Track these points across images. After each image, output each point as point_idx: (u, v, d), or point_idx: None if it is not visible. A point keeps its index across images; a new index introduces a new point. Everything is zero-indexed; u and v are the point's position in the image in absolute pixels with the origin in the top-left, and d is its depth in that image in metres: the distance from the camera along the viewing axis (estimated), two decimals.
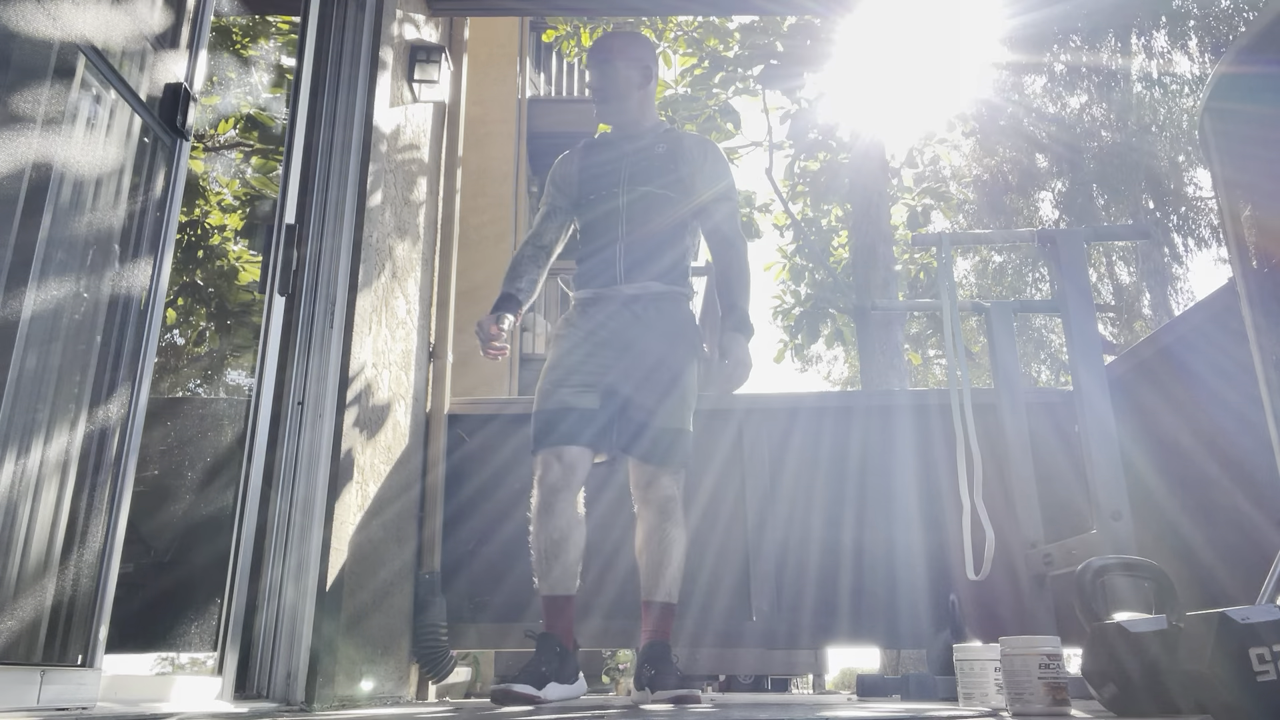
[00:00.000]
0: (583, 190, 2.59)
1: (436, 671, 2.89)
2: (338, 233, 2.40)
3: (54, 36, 1.39)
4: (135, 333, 1.58)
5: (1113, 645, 1.53)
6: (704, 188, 2.54)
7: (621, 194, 2.51)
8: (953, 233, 2.93)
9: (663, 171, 2.52)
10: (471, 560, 3.08)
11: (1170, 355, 2.74)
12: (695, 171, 2.53)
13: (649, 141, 2.58)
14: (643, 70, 2.59)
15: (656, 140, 2.59)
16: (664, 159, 2.54)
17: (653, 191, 2.50)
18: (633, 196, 2.50)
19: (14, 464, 1.29)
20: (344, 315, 2.34)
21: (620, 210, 2.50)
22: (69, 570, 1.40)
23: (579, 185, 2.60)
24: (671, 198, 2.51)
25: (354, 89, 2.53)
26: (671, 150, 2.55)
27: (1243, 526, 2.37)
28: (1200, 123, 1.78)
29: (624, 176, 2.53)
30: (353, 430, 2.31)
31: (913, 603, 3.03)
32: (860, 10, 3.58)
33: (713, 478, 3.20)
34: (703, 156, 2.56)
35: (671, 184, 2.52)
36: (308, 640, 2.07)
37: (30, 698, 1.29)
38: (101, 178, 1.51)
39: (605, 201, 2.53)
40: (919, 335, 14.04)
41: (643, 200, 2.50)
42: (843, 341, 8.94)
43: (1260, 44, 1.58)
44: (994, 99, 12.46)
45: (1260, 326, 1.60)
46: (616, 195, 2.51)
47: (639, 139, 2.59)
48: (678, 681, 2.22)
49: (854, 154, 7.59)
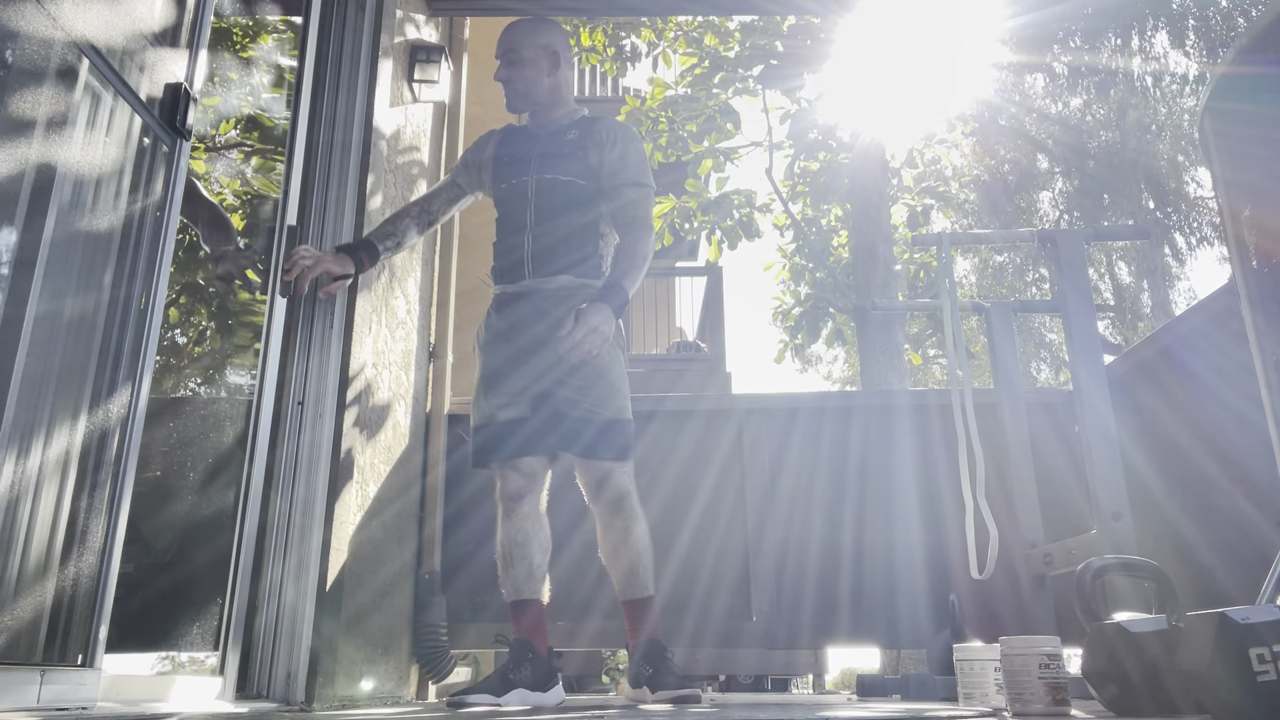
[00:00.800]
0: (494, 177, 2.50)
1: (436, 671, 2.89)
2: (338, 233, 2.40)
3: (54, 36, 1.39)
4: (135, 332, 1.58)
5: (1113, 645, 1.53)
6: (609, 176, 2.40)
7: (530, 183, 2.41)
8: (953, 233, 2.93)
9: (570, 158, 2.41)
10: (471, 560, 3.09)
11: (1170, 355, 2.73)
12: (602, 160, 2.41)
13: (560, 128, 2.48)
14: (550, 56, 2.48)
15: (569, 127, 2.48)
16: (573, 145, 2.43)
17: (559, 179, 2.39)
18: (540, 185, 2.40)
19: (15, 463, 1.30)
20: (344, 315, 2.34)
21: (529, 199, 2.40)
22: (69, 570, 1.40)
23: (492, 170, 2.51)
24: (580, 184, 2.39)
25: (354, 89, 2.53)
26: (582, 137, 2.44)
27: (1243, 526, 2.37)
28: (1200, 123, 1.78)
29: (533, 165, 2.42)
30: (353, 430, 2.31)
31: (913, 603, 3.03)
32: (859, 10, 3.58)
33: (713, 478, 3.20)
34: (611, 142, 2.42)
35: (580, 171, 2.40)
36: (308, 640, 2.07)
37: (30, 698, 1.29)
38: (102, 178, 1.51)
39: (514, 191, 2.43)
40: (919, 335, 14.04)
41: (549, 188, 2.39)
42: (843, 341, 8.93)
43: (1260, 44, 1.58)
44: (994, 99, 12.46)
45: (1260, 326, 1.61)
46: (526, 184, 2.42)
47: (551, 126, 2.49)
48: (678, 681, 2.19)
49: (854, 154, 7.58)
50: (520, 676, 2.17)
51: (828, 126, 8.29)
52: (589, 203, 2.41)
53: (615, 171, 2.41)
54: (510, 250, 2.42)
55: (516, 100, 2.51)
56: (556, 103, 2.52)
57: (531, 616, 2.28)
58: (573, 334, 2.16)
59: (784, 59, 7.30)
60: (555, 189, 2.39)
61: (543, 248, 2.37)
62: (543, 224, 2.39)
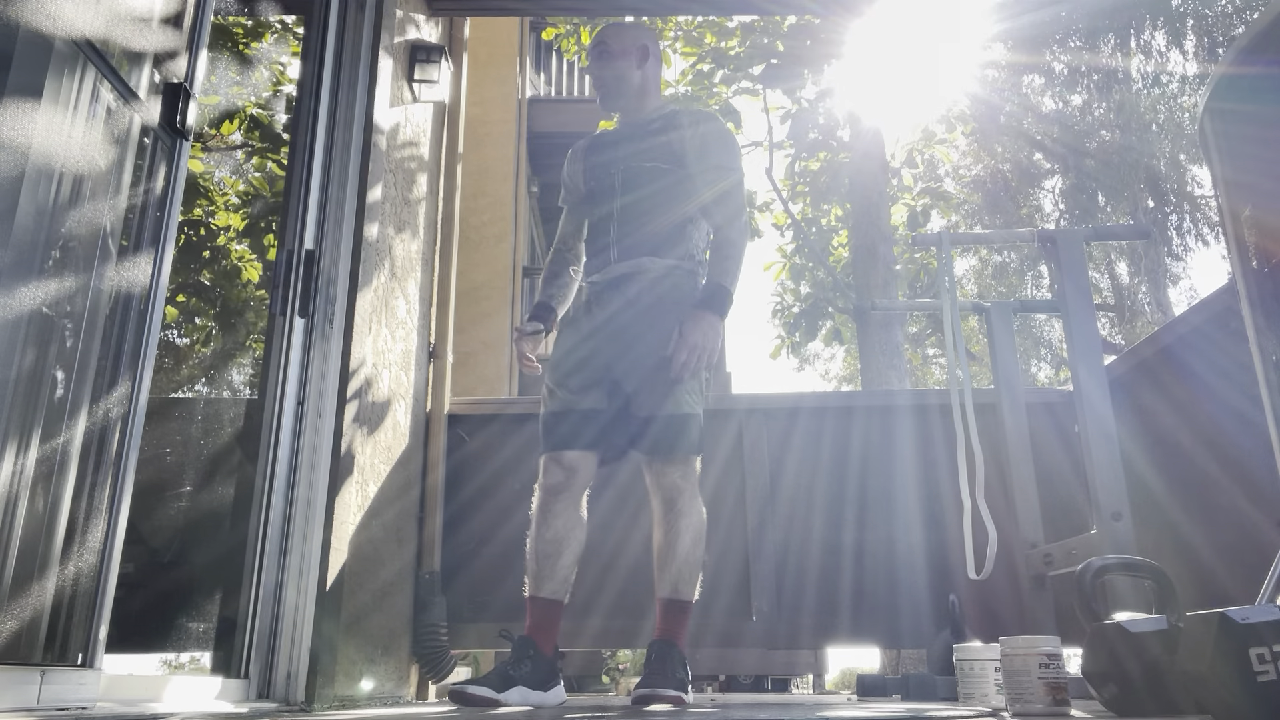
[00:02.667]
0: (587, 183, 2.52)
1: (436, 671, 2.89)
2: (338, 233, 2.40)
3: (54, 36, 1.39)
4: (135, 332, 1.58)
5: (1113, 645, 1.53)
6: (695, 159, 2.39)
7: (617, 173, 2.43)
8: (953, 233, 2.92)
9: (653, 144, 2.42)
10: (471, 561, 3.09)
11: (1170, 355, 2.73)
12: (684, 141, 2.40)
13: (647, 121, 2.49)
14: (639, 50, 2.49)
15: (655, 119, 2.49)
16: (656, 133, 2.45)
17: (642, 165, 2.40)
18: (626, 172, 2.41)
19: (15, 463, 1.29)
20: (344, 315, 2.34)
21: (615, 189, 2.42)
22: (69, 570, 1.40)
23: (584, 179, 2.53)
24: (662, 168, 2.39)
25: (354, 89, 2.53)
26: (665, 124, 2.46)
27: (1243, 526, 2.37)
28: (1200, 123, 1.78)
29: (620, 157, 2.45)
30: (353, 430, 2.31)
31: (913, 603, 3.03)
32: (867, 14, 3.57)
33: (713, 478, 3.20)
34: (692, 121, 2.43)
35: (662, 155, 2.40)
36: (308, 640, 2.07)
37: (30, 698, 1.29)
38: (102, 177, 1.51)
39: (601, 185, 2.45)
40: (919, 335, 14.04)
41: (633, 175, 2.40)
42: (840, 340, 8.93)
43: (1260, 44, 1.58)
44: (994, 99, 12.46)
45: (1260, 326, 1.60)
46: (613, 176, 2.43)
47: (639, 121, 2.51)
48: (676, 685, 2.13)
49: (854, 154, 7.58)
50: (521, 673, 2.14)
51: (828, 126, 8.29)
52: (674, 186, 2.39)
53: (698, 155, 2.39)
54: (596, 241, 2.44)
55: (608, 95, 2.51)
56: (645, 98, 2.52)
57: (548, 616, 2.25)
58: (678, 355, 2.18)
59: (784, 59, 7.30)
60: (640, 175, 2.40)
61: (627, 233, 2.37)
62: (627, 209, 2.39)
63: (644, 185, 2.40)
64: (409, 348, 2.92)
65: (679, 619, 2.27)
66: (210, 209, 5.44)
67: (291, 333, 2.26)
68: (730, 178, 2.41)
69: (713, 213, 2.39)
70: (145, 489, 1.90)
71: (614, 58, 2.49)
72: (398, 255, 2.79)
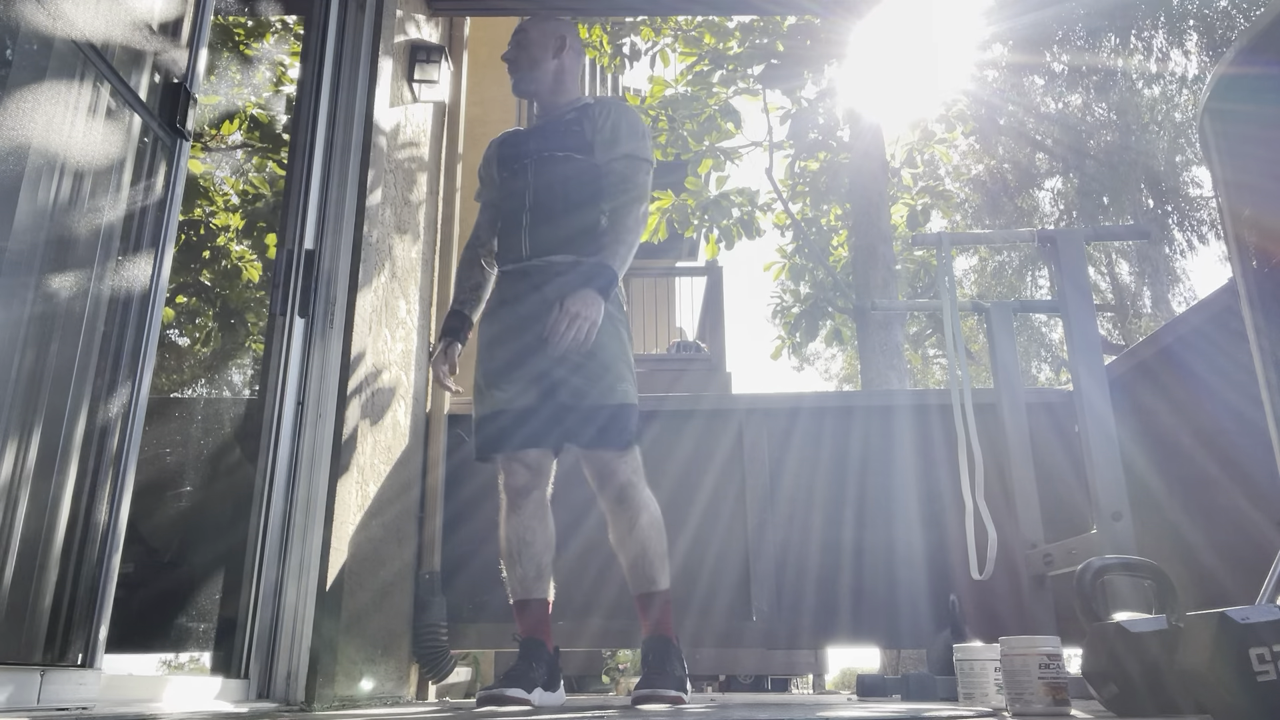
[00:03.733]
0: (500, 174, 2.47)
1: (436, 671, 2.89)
2: (338, 233, 2.40)
3: (54, 36, 1.39)
4: (136, 331, 1.58)
5: (1113, 645, 1.53)
6: (602, 147, 2.35)
7: (529, 164, 2.39)
8: (953, 233, 2.92)
9: (566, 135, 2.37)
10: (471, 560, 3.09)
11: (1170, 355, 2.74)
12: (595, 130, 2.36)
13: (561, 113, 2.47)
14: (556, 39, 2.47)
15: (569, 110, 2.45)
16: (570, 124, 2.40)
17: (554, 155, 2.35)
18: (538, 163, 2.36)
19: (15, 462, 1.30)
20: (344, 315, 2.34)
21: (527, 181, 2.37)
22: (69, 570, 1.40)
23: (497, 170, 2.49)
24: (576, 159, 2.35)
25: (354, 89, 2.53)
26: (579, 115, 2.41)
27: (1243, 526, 2.37)
28: (1200, 123, 1.78)
29: (533, 149, 2.40)
30: (353, 430, 2.31)
31: (913, 603, 3.03)
32: (868, 15, 3.57)
33: (713, 478, 3.20)
34: (604, 114, 2.39)
35: (576, 146, 2.35)
36: (308, 640, 2.07)
37: (30, 698, 1.29)
38: (102, 178, 1.51)
39: (514, 176, 2.41)
40: (919, 335, 14.05)
41: (546, 165, 2.35)
42: (840, 341, 8.93)
43: (1260, 44, 1.58)
44: (994, 99, 12.46)
45: (1260, 326, 1.60)
46: (525, 167, 2.39)
47: (554, 114, 2.47)
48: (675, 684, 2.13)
49: (854, 154, 7.58)
50: (539, 674, 2.16)
51: (828, 126, 8.29)
52: (587, 178, 2.34)
53: (608, 144, 2.35)
54: (509, 235, 2.38)
55: (521, 81, 2.48)
56: (560, 90, 2.48)
57: (537, 615, 2.26)
58: (556, 324, 2.11)
59: (784, 59, 7.30)
60: (552, 165, 2.35)
61: (540, 227, 2.32)
62: (539, 202, 2.34)
63: (555, 174, 2.35)
64: (409, 348, 2.92)
65: (665, 609, 2.27)
66: (210, 209, 5.44)
67: (291, 333, 2.26)
68: (639, 166, 2.36)
69: (613, 195, 2.32)
70: (145, 489, 1.90)
71: (530, 45, 2.47)
72: (398, 255, 2.79)
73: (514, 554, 2.26)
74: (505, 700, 2.02)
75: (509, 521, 2.28)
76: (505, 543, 2.28)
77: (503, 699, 2.02)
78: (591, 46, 7.71)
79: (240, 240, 5.51)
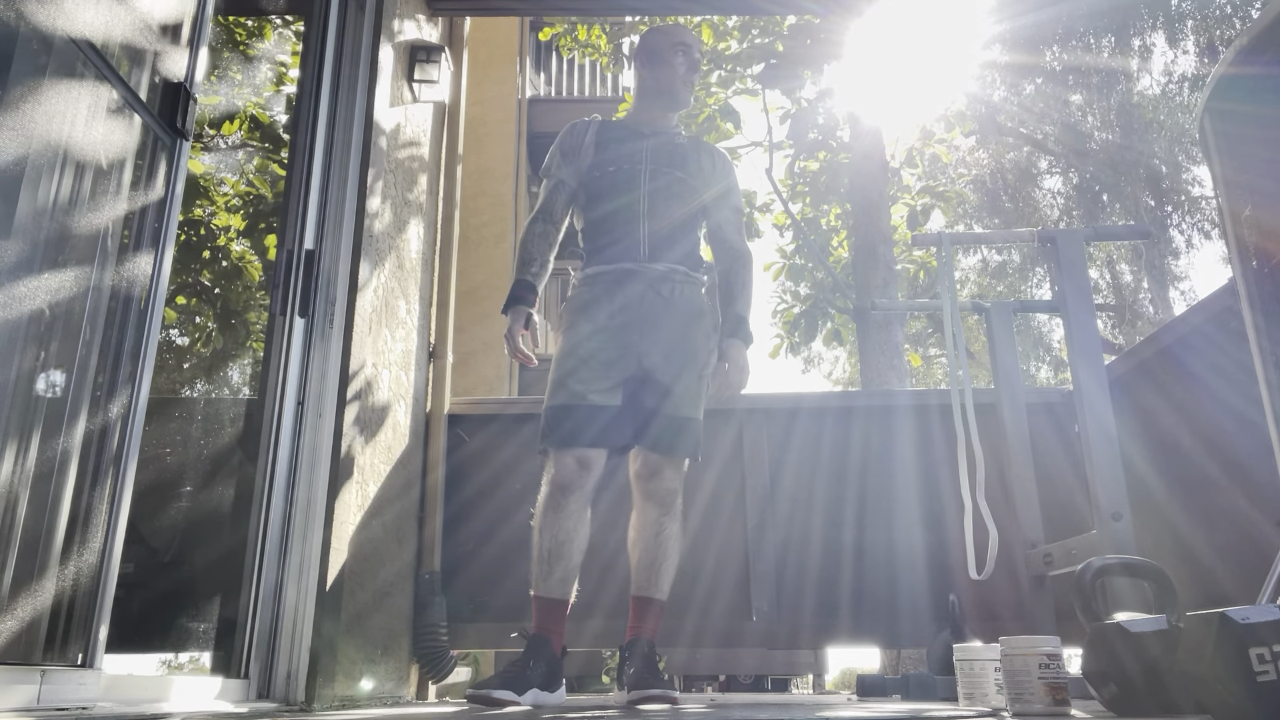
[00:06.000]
0: (599, 163, 2.50)
1: (436, 671, 2.89)
2: (338, 233, 2.40)
3: (54, 35, 1.39)
4: (135, 332, 1.58)
5: (1113, 645, 1.53)
6: (718, 190, 2.56)
7: (645, 176, 2.46)
8: (953, 233, 2.92)
9: (685, 159, 2.52)
10: (471, 560, 3.09)
11: (1170, 355, 2.74)
12: (714, 170, 2.56)
13: (672, 131, 2.59)
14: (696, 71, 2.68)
15: (677, 132, 2.61)
16: (686, 149, 2.54)
17: (677, 177, 2.49)
18: (657, 180, 2.47)
19: (15, 463, 1.30)
20: (344, 315, 2.34)
21: (643, 192, 2.45)
22: (69, 570, 1.40)
23: (593, 157, 2.51)
24: (693, 185, 2.51)
25: (354, 89, 2.53)
26: (692, 143, 2.58)
27: (1243, 526, 2.37)
28: (1200, 123, 1.78)
29: (647, 158, 2.49)
30: (353, 430, 2.31)
31: (913, 602, 3.03)
32: (869, 15, 3.57)
33: (713, 478, 3.20)
34: (724, 161, 2.62)
35: (693, 171, 2.52)
36: (308, 640, 2.07)
37: (30, 698, 1.29)
38: (102, 177, 1.51)
39: (628, 180, 2.46)
40: (919, 335, 14.04)
41: (667, 184, 2.47)
42: (840, 341, 8.93)
43: (1260, 44, 1.58)
44: (994, 99, 12.46)
45: (1260, 326, 1.60)
46: (639, 176, 2.46)
47: (661, 127, 2.58)
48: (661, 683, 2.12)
49: (854, 154, 7.58)
50: (536, 674, 2.13)
51: (827, 126, 8.29)
52: (696, 207, 2.52)
53: (725, 191, 2.56)
54: (621, 235, 2.43)
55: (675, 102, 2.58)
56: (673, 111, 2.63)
57: (555, 614, 2.24)
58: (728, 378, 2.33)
59: (784, 59, 7.30)
60: (671, 183, 2.48)
61: (659, 238, 2.42)
62: (657, 212, 2.44)
63: (674, 191, 2.48)
64: (409, 348, 2.92)
65: (659, 617, 2.31)
66: (211, 209, 5.44)
67: (291, 333, 2.26)
68: (742, 219, 2.61)
69: (738, 249, 2.54)
70: (145, 489, 1.90)
71: (695, 68, 2.59)
72: (398, 255, 2.79)
73: (551, 553, 2.22)
74: (492, 702, 2.00)
75: (549, 516, 2.24)
76: (540, 536, 2.24)
77: (489, 700, 2.00)
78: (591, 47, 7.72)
79: (240, 240, 5.51)
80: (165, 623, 2.45)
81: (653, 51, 2.59)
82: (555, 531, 2.23)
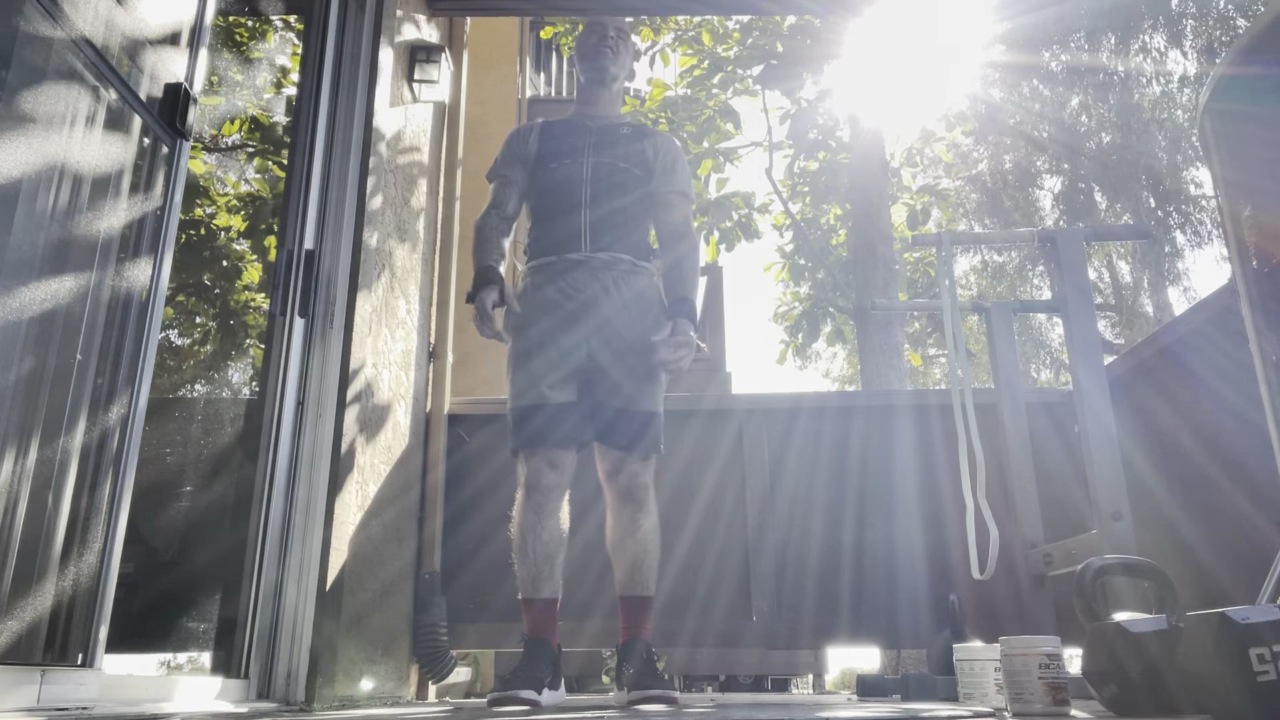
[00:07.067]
0: (542, 159, 2.49)
1: (436, 671, 2.89)
2: (338, 233, 2.40)
3: (54, 36, 1.39)
4: (135, 332, 1.58)
5: (1113, 645, 1.53)
6: (662, 176, 2.48)
7: (586, 166, 2.43)
8: (953, 233, 2.92)
9: (627, 147, 2.48)
10: (471, 560, 3.09)
11: (1170, 355, 2.74)
12: (656, 156, 2.49)
13: (614, 123, 2.55)
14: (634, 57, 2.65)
15: (622, 124, 2.56)
16: (628, 137, 2.51)
17: (616, 164, 2.44)
18: (599, 170, 2.43)
19: (15, 463, 1.29)
20: (344, 315, 2.34)
21: (583, 178, 2.42)
22: (69, 570, 1.40)
23: (537, 154, 2.51)
24: (635, 174, 2.46)
25: (354, 89, 2.53)
26: (635, 133, 2.53)
27: (1243, 526, 2.37)
28: (1200, 123, 1.78)
29: (589, 150, 2.46)
30: (353, 430, 2.31)
31: (913, 602, 3.03)
32: (868, 15, 3.58)
33: (713, 478, 3.20)
34: (667, 147, 2.53)
35: (635, 160, 2.46)
36: (308, 640, 2.06)
37: (30, 698, 1.29)
38: (101, 178, 1.51)
39: (565, 172, 2.44)
40: (919, 335, 14.04)
41: (606, 170, 2.43)
42: (842, 340, 8.93)
43: (1260, 44, 1.58)
44: (994, 99, 12.46)
45: (1260, 326, 1.61)
46: (580, 165, 2.43)
47: (603, 120, 2.55)
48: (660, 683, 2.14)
49: (854, 154, 7.58)
50: (544, 674, 2.16)
51: (827, 127, 8.29)
52: (641, 195, 2.47)
53: (667, 174, 2.49)
54: (562, 226, 2.41)
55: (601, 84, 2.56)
56: (617, 101, 2.62)
57: (545, 614, 2.26)
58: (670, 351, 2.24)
59: (784, 59, 7.30)
60: (613, 172, 2.45)
61: (600, 224, 2.39)
62: (599, 202, 2.41)
63: (616, 183, 2.44)
64: (409, 348, 2.92)
65: (645, 614, 2.30)
66: (211, 209, 5.44)
67: (291, 333, 2.26)
68: (689, 204, 2.56)
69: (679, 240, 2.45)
70: (145, 489, 1.90)
71: (622, 55, 2.57)
72: (398, 255, 2.79)
73: (527, 551, 2.26)
74: (519, 702, 2.03)
75: (525, 517, 2.27)
76: (519, 538, 2.27)
77: (516, 700, 2.03)
78: None
79: (240, 240, 5.51)
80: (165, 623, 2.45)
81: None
82: (544, 536, 2.26)
